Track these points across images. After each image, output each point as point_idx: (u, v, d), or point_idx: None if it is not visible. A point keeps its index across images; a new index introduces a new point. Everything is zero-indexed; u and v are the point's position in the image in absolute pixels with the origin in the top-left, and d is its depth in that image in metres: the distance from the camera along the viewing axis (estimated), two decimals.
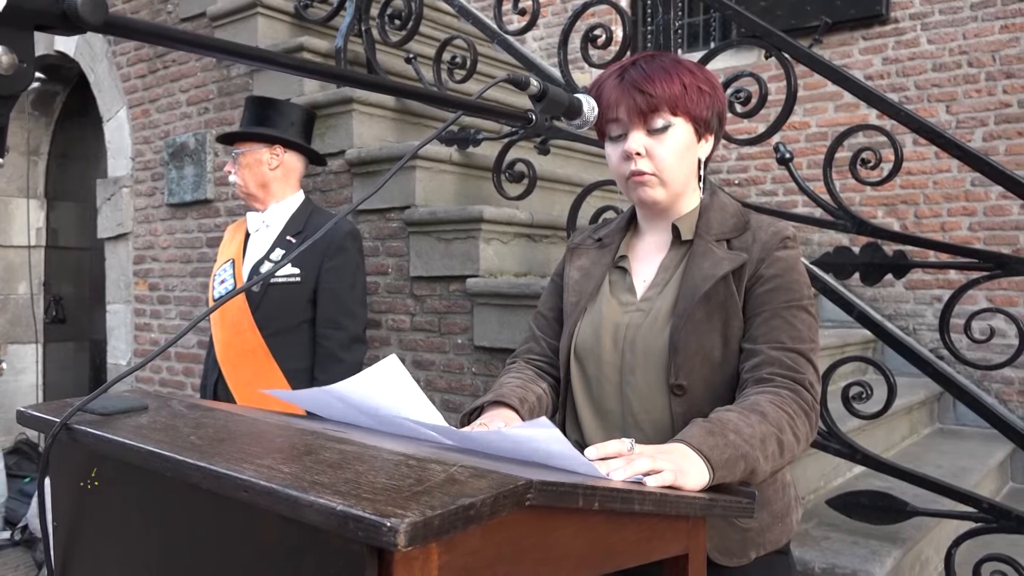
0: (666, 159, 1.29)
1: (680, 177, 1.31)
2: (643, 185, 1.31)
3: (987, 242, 4.12)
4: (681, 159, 1.30)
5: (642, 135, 1.29)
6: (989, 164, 2.10)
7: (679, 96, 1.27)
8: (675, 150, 1.29)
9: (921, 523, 2.37)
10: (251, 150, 2.44)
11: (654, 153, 1.29)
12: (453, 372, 2.74)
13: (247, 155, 2.44)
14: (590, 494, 0.83)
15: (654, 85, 1.26)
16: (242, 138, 2.47)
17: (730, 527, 1.28)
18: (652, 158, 1.29)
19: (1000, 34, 4.14)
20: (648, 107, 1.27)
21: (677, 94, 1.27)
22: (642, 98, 1.27)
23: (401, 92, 1.02)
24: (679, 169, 1.30)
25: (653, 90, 1.26)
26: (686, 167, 1.32)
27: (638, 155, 1.29)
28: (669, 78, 1.27)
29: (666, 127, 1.28)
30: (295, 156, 2.51)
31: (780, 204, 4.61)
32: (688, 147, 1.31)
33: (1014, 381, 4.02)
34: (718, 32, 5.17)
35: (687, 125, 1.30)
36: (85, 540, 1.03)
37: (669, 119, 1.28)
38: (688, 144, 1.31)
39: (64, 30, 0.60)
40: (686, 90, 1.28)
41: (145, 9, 3.89)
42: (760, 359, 1.24)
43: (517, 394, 1.35)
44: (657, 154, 1.29)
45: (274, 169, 2.45)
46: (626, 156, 1.30)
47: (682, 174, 1.31)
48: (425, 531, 0.64)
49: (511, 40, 2.95)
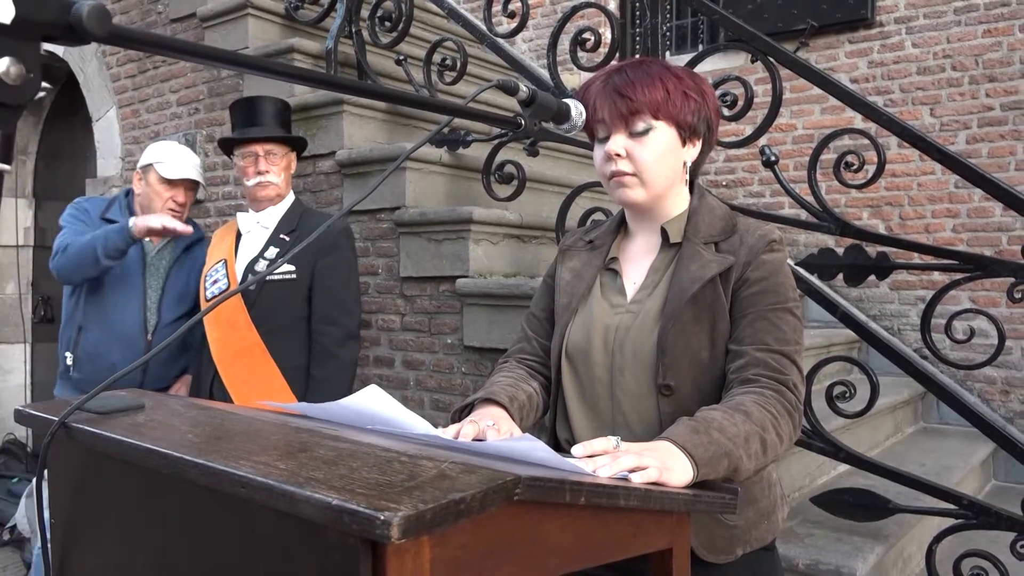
0: (646, 160, 1.32)
1: (660, 179, 1.34)
2: (623, 186, 1.34)
3: (970, 243, 4.18)
4: (661, 161, 1.33)
5: (623, 137, 1.33)
6: (968, 167, 2.14)
7: (661, 101, 1.31)
8: (655, 152, 1.32)
9: (904, 520, 2.40)
10: (287, 152, 2.54)
11: (634, 155, 1.32)
12: (443, 372, 2.76)
13: (286, 156, 2.53)
14: (577, 489, 0.86)
15: (635, 90, 1.30)
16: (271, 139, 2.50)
17: (717, 525, 1.31)
18: (633, 160, 1.32)
19: (983, 38, 4.20)
20: (629, 111, 1.30)
21: (659, 99, 1.31)
22: (623, 102, 1.30)
23: (392, 98, 1.05)
24: (659, 171, 1.33)
25: (634, 95, 1.30)
26: (667, 170, 1.34)
27: (618, 156, 1.32)
28: (652, 84, 1.31)
29: (647, 130, 1.31)
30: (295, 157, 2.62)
31: (767, 205, 4.66)
32: (670, 150, 1.34)
33: (996, 380, 4.07)
34: (706, 35, 5.20)
35: (670, 129, 1.33)
36: (82, 537, 1.05)
37: (650, 123, 1.31)
38: (670, 147, 1.34)
39: (70, 41, 0.61)
40: (669, 95, 1.31)
41: (135, 9, 3.88)
42: (745, 360, 1.27)
43: (507, 392, 1.37)
44: (637, 156, 1.32)
45: (292, 172, 2.58)
46: (608, 157, 1.34)
47: (663, 176, 1.34)
48: (417, 524, 0.66)
49: (501, 42, 2.97)
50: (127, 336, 2.64)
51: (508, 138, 2.75)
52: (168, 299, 2.71)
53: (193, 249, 2.79)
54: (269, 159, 2.47)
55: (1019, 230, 4.01)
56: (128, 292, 2.66)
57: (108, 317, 2.65)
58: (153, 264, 2.73)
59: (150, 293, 2.69)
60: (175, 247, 2.76)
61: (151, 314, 2.69)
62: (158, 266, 2.73)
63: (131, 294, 2.66)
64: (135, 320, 2.66)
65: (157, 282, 2.71)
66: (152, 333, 2.68)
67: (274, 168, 2.48)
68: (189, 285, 2.75)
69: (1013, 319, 3.96)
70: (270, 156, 2.48)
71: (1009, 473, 3.65)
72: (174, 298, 2.72)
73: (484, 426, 1.23)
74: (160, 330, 2.69)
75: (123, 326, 2.65)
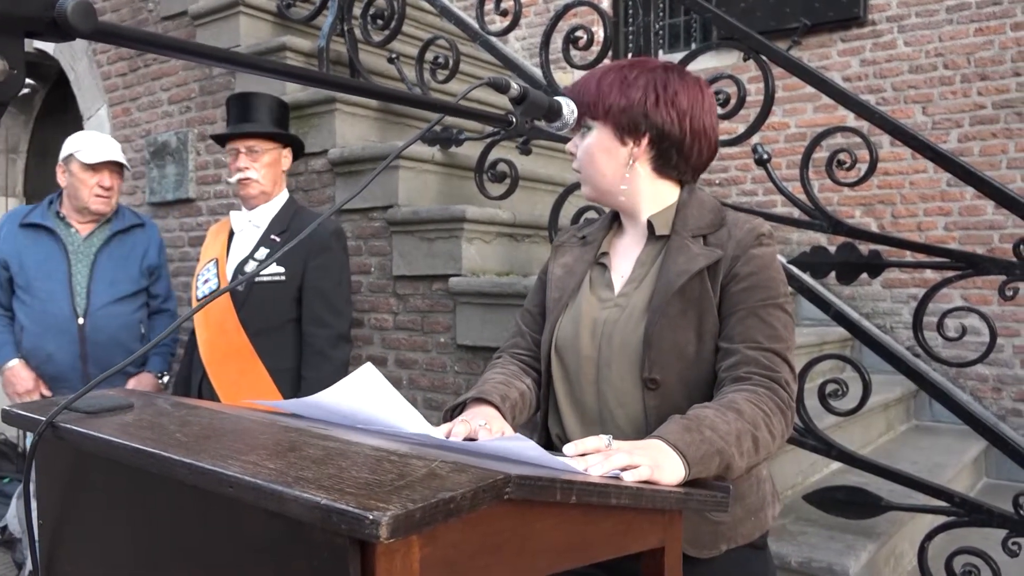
0: (580, 159, 1.41)
1: (597, 176, 1.40)
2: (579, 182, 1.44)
3: (962, 241, 4.19)
4: (592, 160, 1.39)
5: (577, 137, 1.41)
6: (961, 165, 2.14)
7: (591, 103, 1.36)
8: (587, 151, 1.39)
9: (896, 518, 2.41)
10: (274, 149, 2.50)
11: (578, 154, 1.41)
12: (435, 371, 2.76)
13: (271, 152, 2.49)
14: (568, 488, 0.86)
15: (580, 92, 1.38)
16: (260, 136, 2.47)
17: (702, 520, 1.30)
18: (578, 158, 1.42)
19: (975, 37, 4.21)
20: (580, 112, 1.34)
21: (590, 100, 1.36)
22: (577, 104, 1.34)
23: (384, 95, 1.04)
24: (594, 168, 1.39)
25: (578, 97, 1.37)
26: (606, 167, 1.38)
27: (572, 155, 1.43)
28: (589, 85, 1.38)
29: (588, 130, 1.39)
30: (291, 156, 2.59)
31: (760, 204, 4.66)
32: (605, 149, 1.37)
33: (988, 378, 4.09)
34: (699, 33, 5.20)
35: (605, 128, 1.36)
36: (70, 538, 1.04)
37: (589, 123, 1.38)
38: (605, 146, 1.37)
39: (54, 37, 0.61)
40: (600, 96, 1.36)
41: (126, 7, 3.86)
42: (737, 359, 1.26)
43: (499, 391, 1.37)
44: (578, 155, 1.41)
45: (285, 170, 2.55)
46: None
47: (599, 173, 1.39)
48: (407, 524, 0.66)
49: (493, 40, 2.97)
50: (58, 324, 2.73)
51: (501, 136, 2.74)
52: (98, 283, 2.79)
53: (131, 233, 2.89)
54: (251, 155, 2.45)
55: (1011, 228, 4.02)
56: (53, 281, 2.75)
57: (38, 308, 2.75)
58: (80, 251, 2.81)
59: (78, 279, 2.77)
60: (106, 232, 2.86)
61: (80, 299, 2.77)
62: (87, 252, 2.82)
63: (56, 282, 2.75)
64: (63, 307, 2.75)
65: (84, 267, 2.80)
66: (83, 317, 2.76)
67: (255, 165, 2.44)
68: (127, 269, 2.84)
69: (1005, 317, 3.97)
70: (252, 153, 2.45)
71: (1000, 471, 3.66)
72: (106, 282, 2.80)
73: (476, 425, 1.22)
74: (92, 314, 2.77)
75: (53, 315, 2.74)
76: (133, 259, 2.87)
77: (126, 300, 2.85)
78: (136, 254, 2.88)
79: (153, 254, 2.96)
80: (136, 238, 2.90)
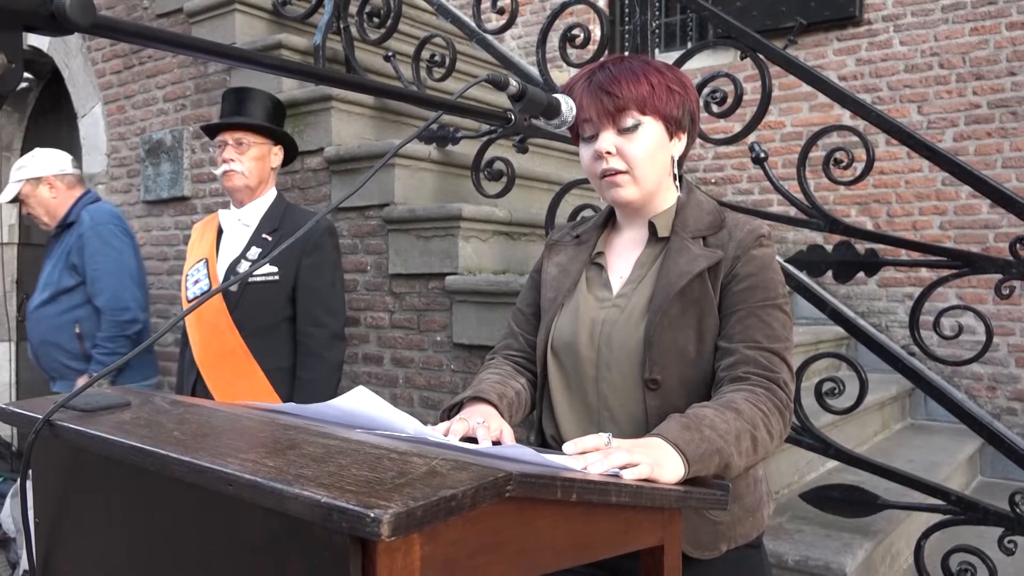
0: (637, 156, 1.31)
1: (652, 175, 1.33)
2: (615, 185, 1.33)
3: (957, 240, 4.20)
4: (652, 157, 1.32)
5: (612, 134, 1.32)
6: (956, 164, 2.15)
7: (647, 96, 1.30)
8: (646, 148, 1.31)
9: (892, 516, 2.41)
10: (263, 143, 2.46)
11: (625, 151, 1.31)
12: (432, 369, 2.75)
13: (260, 147, 2.44)
14: (568, 486, 0.85)
15: (620, 87, 1.29)
16: (250, 129, 2.44)
17: (702, 520, 1.30)
18: (623, 156, 1.31)
19: (970, 36, 4.22)
20: (616, 108, 1.29)
21: (645, 94, 1.30)
22: (609, 99, 1.30)
23: (381, 92, 1.03)
24: (650, 167, 1.32)
25: (620, 91, 1.29)
26: (658, 165, 1.34)
27: (608, 154, 1.31)
28: (636, 79, 1.30)
29: (636, 126, 1.31)
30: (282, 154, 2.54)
31: (756, 203, 4.67)
32: (659, 145, 1.33)
33: (983, 377, 4.10)
34: (695, 32, 5.21)
35: (657, 124, 1.32)
36: (67, 536, 1.04)
37: (638, 118, 1.31)
38: (659, 142, 1.33)
39: (52, 31, 0.60)
40: (654, 90, 1.31)
41: (121, 3, 3.85)
42: (736, 358, 1.26)
43: (496, 390, 1.37)
44: (628, 152, 1.31)
45: (274, 168, 2.50)
46: (597, 156, 1.33)
47: (654, 172, 1.33)
48: (408, 522, 0.65)
49: (490, 39, 2.96)
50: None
51: (497, 134, 2.74)
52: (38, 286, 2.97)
53: (66, 233, 2.99)
54: (238, 148, 2.41)
55: (1006, 227, 4.04)
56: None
57: None
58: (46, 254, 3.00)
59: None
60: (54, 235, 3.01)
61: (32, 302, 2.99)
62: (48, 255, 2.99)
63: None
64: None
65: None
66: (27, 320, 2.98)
67: (241, 157, 2.40)
68: (55, 269, 2.96)
69: (1000, 316, 3.98)
70: (240, 145, 2.41)
71: (996, 469, 3.67)
72: (40, 285, 2.96)
73: (474, 424, 1.21)
74: (29, 316, 2.97)
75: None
76: (60, 259, 2.97)
77: (52, 302, 2.96)
78: (62, 253, 2.98)
79: (76, 252, 2.96)
80: (66, 238, 2.99)
